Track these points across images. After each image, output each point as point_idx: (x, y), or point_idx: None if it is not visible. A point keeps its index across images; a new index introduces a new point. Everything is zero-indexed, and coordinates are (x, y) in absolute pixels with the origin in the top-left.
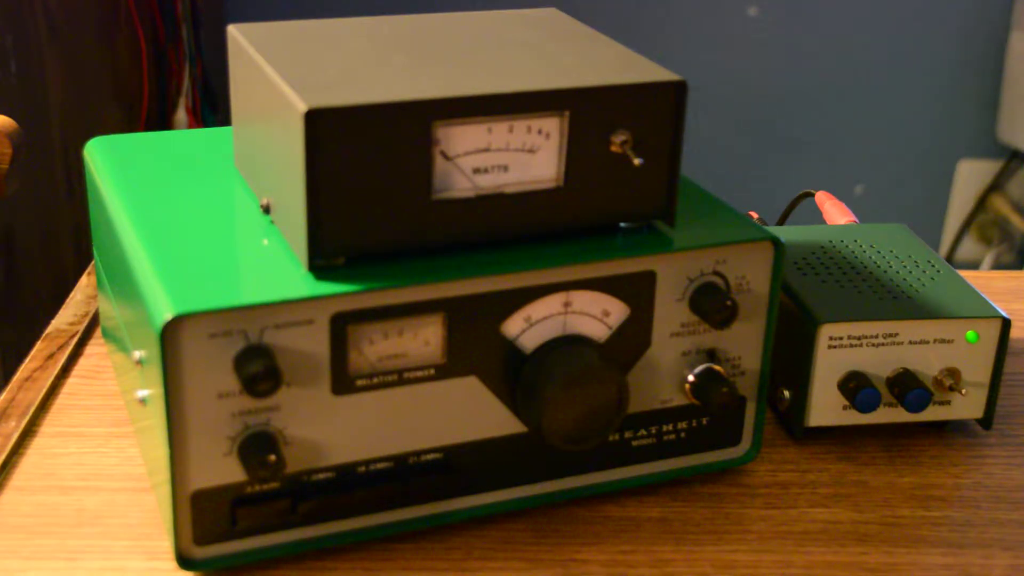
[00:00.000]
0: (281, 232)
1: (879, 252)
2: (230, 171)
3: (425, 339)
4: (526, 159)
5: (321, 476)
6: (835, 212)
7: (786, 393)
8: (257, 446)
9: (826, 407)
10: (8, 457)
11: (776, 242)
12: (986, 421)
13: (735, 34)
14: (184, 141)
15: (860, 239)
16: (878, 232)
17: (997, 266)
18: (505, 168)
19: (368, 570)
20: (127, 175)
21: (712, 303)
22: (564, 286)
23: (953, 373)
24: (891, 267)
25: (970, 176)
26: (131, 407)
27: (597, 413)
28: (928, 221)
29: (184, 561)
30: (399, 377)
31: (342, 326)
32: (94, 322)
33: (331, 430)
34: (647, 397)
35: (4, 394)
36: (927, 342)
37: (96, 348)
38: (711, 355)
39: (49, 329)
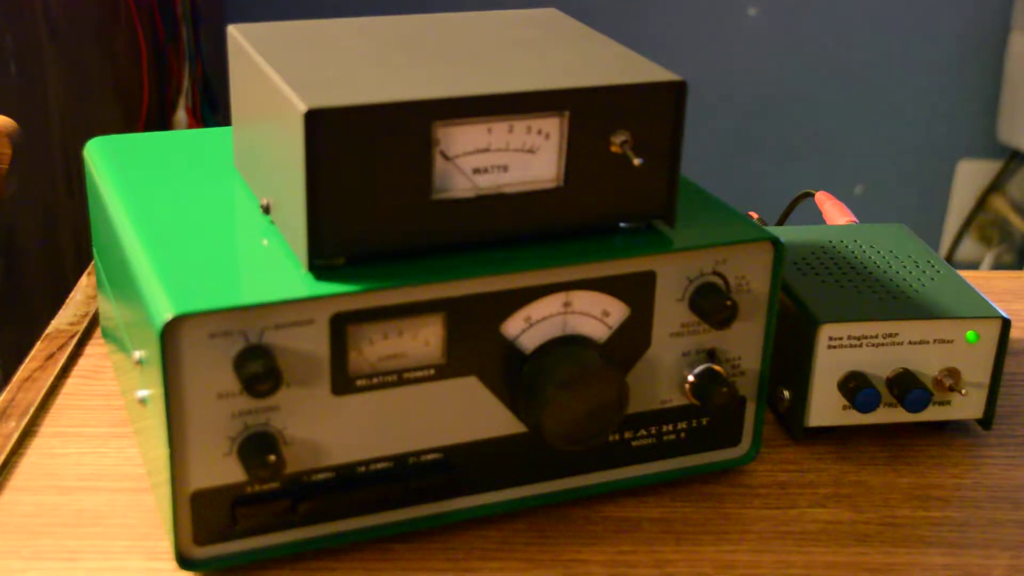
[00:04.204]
0: (281, 232)
1: (879, 252)
2: (230, 171)
3: (425, 339)
4: (526, 159)
5: (321, 476)
6: (835, 212)
7: (786, 393)
8: (257, 446)
9: (826, 407)
10: (8, 457)
11: (776, 242)
12: (986, 421)
13: (735, 34)
14: (184, 141)
15: (860, 239)
16: (878, 232)
17: (997, 266)
18: (505, 168)
19: (368, 570)
20: (127, 175)
21: (712, 303)
22: (564, 286)
23: (953, 373)
24: (891, 267)
25: (970, 176)
26: (131, 407)
27: (597, 413)
28: (928, 221)
29: (184, 561)
30: (399, 377)
31: (342, 326)
32: (94, 322)
33: (331, 430)
34: (647, 397)
35: (4, 394)
36: (927, 342)
37: (96, 348)
38: (711, 355)
39: (49, 329)
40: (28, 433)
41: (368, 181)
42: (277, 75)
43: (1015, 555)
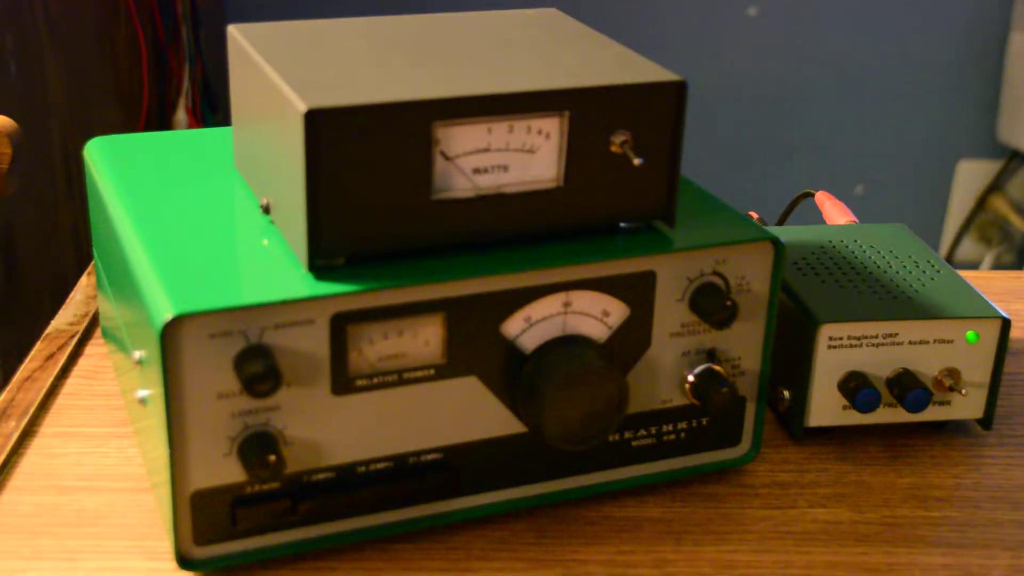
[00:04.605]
0: (281, 232)
1: (879, 252)
2: (230, 171)
3: (425, 339)
4: (526, 159)
5: (321, 476)
6: (835, 212)
7: (786, 393)
8: (257, 446)
9: (826, 407)
10: (8, 457)
11: (776, 242)
12: (986, 421)
13: (735, 34)
14: (184, 141)
15: (860, 239)
16: (878, 232)
17: (997, 266)
18: (505, 168)
19: (368, 570)
20: (127, 175)
21: (712, 303)
22: (564, 286)
23: (953, 373)
24: (891, 267)
25: (970, 176)
26: (131, 407)
27: (597, 413)
28: (928, 221)
29: (184, 561)
30: (399, 377)
31: (342, 326)
32: (94, 322)
33: (331, 430)
34: (647, 397)
35: (4, 394)
36: (927, 342)
37: (96, 348)
38: (711, 355)
39: (49, 329)
40: (28, 433)
41: (368, 181)
42: (277, 75)
43: (1015, 555)
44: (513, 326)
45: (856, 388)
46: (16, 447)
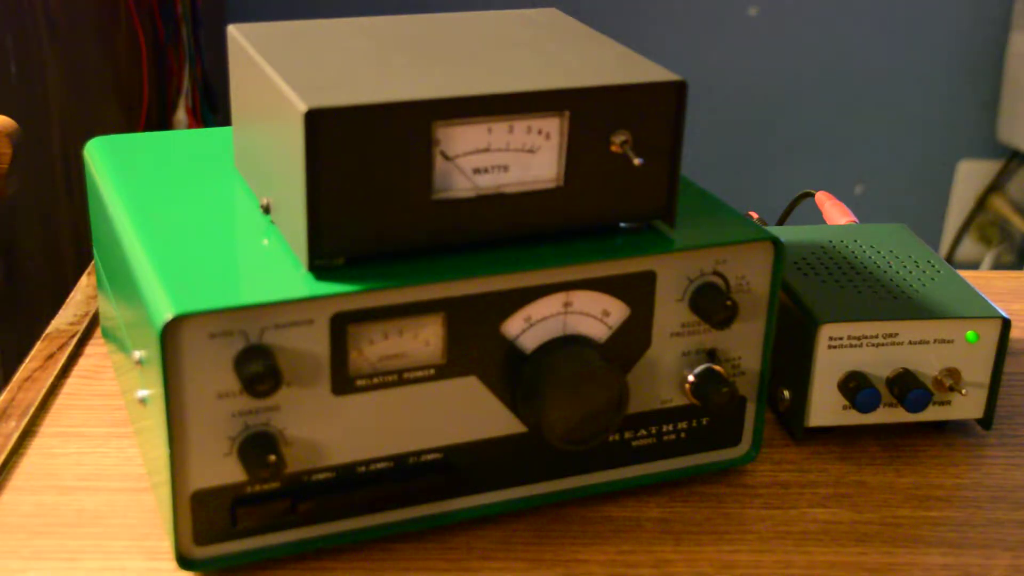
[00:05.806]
0: (281, 232)
1: (879, 252)
2: (230, 171)
3: (425, 339)
4: (526, 159)
5: (321, 476)
6: (835, 212)
7: (786, 393)
8: (257, 446)
9: (826, 407)
10: (8, 457)
11: (776, 242)
12: (986, 421)
13: (735, 34)
14: (184, 141)
15: (860, 239)
16: (878, 232)
17: (997, 266)
18: (505, 168)
19: (368, 570)
20: (127, 175)
21: (712, 303)
22: (564, 286)
23: (953, 373)
24: (891, 267)
25: (970, 176)
26: (131, 407)
27: (597, 413)
28: (928, 221)
29: (184, 561)
30: (399, 377)
31: (342, 326)
32: (94, 322)
33: (331, 430)
34: (647, 397)
35: (4, 394)
36: (927, 342)
37: (96, 348)
38: (711, 355)
39: (49, 329)
40: (28, 433)
41: (368, 181)
42: (277, 75)
43: (1015, 555)
44: (513, 326)
45: (856, 388)
46: (16, 447)
